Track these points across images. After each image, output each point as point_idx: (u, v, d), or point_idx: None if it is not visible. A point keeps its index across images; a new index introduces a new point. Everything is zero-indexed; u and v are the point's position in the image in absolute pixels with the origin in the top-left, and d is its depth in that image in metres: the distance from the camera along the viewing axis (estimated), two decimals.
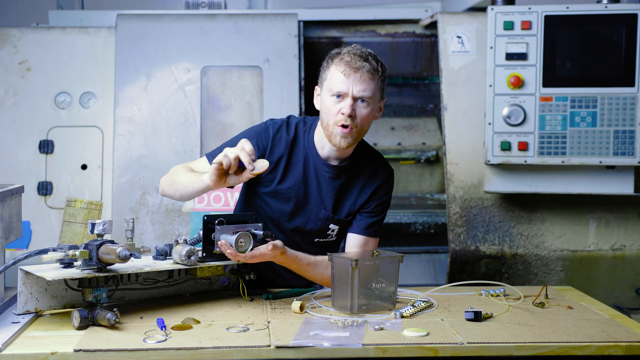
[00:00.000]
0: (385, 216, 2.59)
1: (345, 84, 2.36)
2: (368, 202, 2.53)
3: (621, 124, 3.33)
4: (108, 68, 3.80)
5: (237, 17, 3.85)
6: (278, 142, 2.49)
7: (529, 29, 3.36)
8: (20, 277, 2.16)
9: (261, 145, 2.48)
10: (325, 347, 1.96)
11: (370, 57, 2.39)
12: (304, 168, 2.49)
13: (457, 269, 3.57)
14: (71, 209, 2.58)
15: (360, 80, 2.36)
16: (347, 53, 2.39)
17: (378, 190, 2.54)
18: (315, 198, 2.51)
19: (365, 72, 2.36)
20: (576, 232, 3.61)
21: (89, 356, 1.91)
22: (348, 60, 2.37)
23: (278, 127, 2.51)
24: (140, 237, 3.62)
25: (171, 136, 3.73)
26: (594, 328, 2.17)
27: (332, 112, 2.39)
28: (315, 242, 2.55)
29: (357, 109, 2.37)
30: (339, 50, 2.43)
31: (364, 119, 2.39)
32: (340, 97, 2.37)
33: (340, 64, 2.38)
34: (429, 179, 4.18)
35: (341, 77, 2.36)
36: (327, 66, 2.44)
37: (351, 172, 2.51)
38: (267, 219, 2.54)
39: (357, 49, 2.41)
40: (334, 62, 2.41)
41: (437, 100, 4.12)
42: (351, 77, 2.36)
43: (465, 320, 2.21)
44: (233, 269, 2.44)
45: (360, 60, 2.36)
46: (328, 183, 2.50)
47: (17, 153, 3.75)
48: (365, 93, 2.37)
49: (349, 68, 2.36)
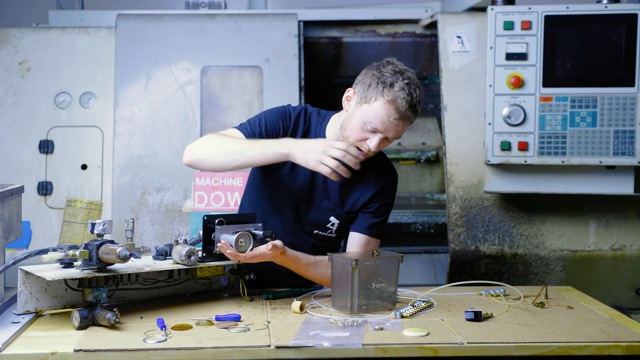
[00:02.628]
0: (388, 219, 2.59)
1: (385, 125, 2.33)
2: (371, 202, 2.53)
3: (621, 124, 3.33)
4: (108, 68, 3.80)
5: (237, 17, 3.85)
6: (296, 128, 2.50)
7: (529, 29, 3.36)
8: (20, 277, 2.16)
9: (285, 126, 2.48)
10: (325, 347, 1.97)
11: (417, 103, 2.35)
12: None
13: (457, 269, 3.57)
14: (71, 209, 2.58)
15: (399, 127, 2.34)
16: (402, 98, 2.31)
17: (382, 191, 2.54)
18: (321, 189, 2.51)
19: (406, 121, 2.34)
20: (576, 232, 3.61)
21: (89, 356, 1.91)
22: (398, 108, 2.31)
23: (297, 114, 2.51)
24: (140, 237, 3.62)
25: (171, 136, 3.73)
26: (594, 328, 2.17)
27: (358, 135, 2.37)
28: (315, 234, 2.56)
29: (382, 143, 2.38)
30: (394, 80, 2.33)
31: (380, 147, 2.41)
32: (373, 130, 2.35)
33: (390, 107, 2.31)
34: (429, 179, 4.18)
35: (385, 120, 2.32)
36: (375, 90, 2.34)
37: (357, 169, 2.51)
38: (270, 204, 2.55)
39: (410, 91, 2.32)
40: (384, 95, 2.32)
41: (437, 100, 4.12)
42: (392, 123, 2.33)
43: (465, 320, 2.21)
44: (233, 269, 2.44)
45: (409, 111, 2.32)
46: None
47: (17, 153, 3.75)
48: (397, 136, 2.38)
49: (397, 116, 2.31)
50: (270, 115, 2.51)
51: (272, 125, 2.47)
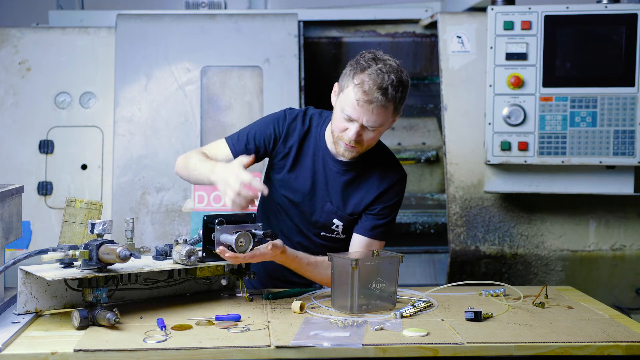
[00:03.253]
0: (394, 220, 2.54)
1: (357, 112, 2.30)
2: (373, 203, 2.49)
3: (621, 124, 3.33)
4: (108, 68, 3.80)
5: (237, 17, 3.85)
6: (292, 131, 2.50)
7: (529, 29, 3.36)
8: (20, 277, 2.16)
9: (277, 132, 2.49)
10: (325, 347, 1.96)
11: (390, 87, 2.27)
12: (313, 160, 2.50)
13: (457, 269, 3.57)
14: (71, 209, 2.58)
15: (371, 112, 2.29)
16: (369, 80, 2.27)
17: (385, 192, 2.49)
18: (322, 190, 2.50)
19: (378, 105, 2.28)
20: (576, 232, 3.61)
21: (89, 356, 1.91)
22: (365, 90, 2.26)
23: (294, 117, 2.52)
24: (140, 237, 3.62)
25: (171, 136, 3.73)
26: (594, 328, 2.17)
27: (340, 126, 2.36)
28: (322, 236, 2.56)
29: (364, 133, 2.34)
30: (365, 66, 2.29)
31: (370, 140, 2.38)
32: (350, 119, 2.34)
33: (358, 90, 2.27)
34: (429, 179, 4.18)
35: (354, 104, 2.29)
36: (349, 77, 2.33)
37: (360, 169, 2.49)
38: (277, 205, 2.56)
39: (380, 74, 2.27)
40: (354, 80, 2.29)
41: (437, 100, 4.12)
42: (364, 107, 2.28)
43: (465, 320, 2.21)
44: (233, 269, 2.44)
45: (377, 92, 2.26)
46: (335, 177, 2.49)
47: (17, 153, 3.75)
48: (374, 124, 2.32)
49: (363, 98, 2.27)
50: (263, 122, 2.53)
51: (261, 132, 2.49)
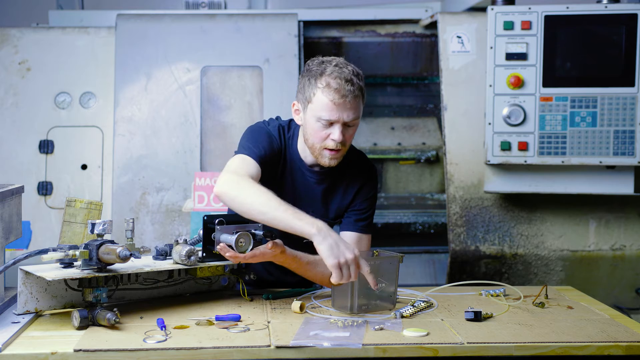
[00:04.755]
0: (374, 212, 2.58)
1: (336, 113, 2.31)
2: (354, 200, 2.54)
3: (621, 124, 3.33)
4: (108, 68, 3.80)
5: (237, 17, 3.85)
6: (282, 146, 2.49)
7: (529, 29, 3.36)
8: (20, 277, 2.16)
9: (276, 147, 2.46)
10: (325, 347, 1.96)
11: (353, 76, 2.31)
12: (291, 172, 2.51)
13: (457, 269, 3.57)
14: (71, 209, 2.58)
15: (349, 107, 2.31)
16: (333, 78, 2.29)
17: (362, 188, 2.54)
18: (304, 200, 2.51)
19: (352, 97, 2.30)
20: (576, 232, 3.61)
21: (89, 356, 1.91)
22: (336, 88, 2.28)
23: (281, 131, 2.50)
24: (140, 237, 3.62)
25: (171, 136, 3.73)
26: (594, 328, 2.17)
27: (320, 136, 2.36)
28: (305, 244, 2.55)
29: (345, 131, 2.35)
30: (321, 69, 2.32)
31: (351, 138, 2.40)
32: (329, 123, 2.33)
33: (328, 91, 2.29)
34: (429, 179, 4.18)
35: (330, 106, 2.30)
36: (310, 86, 2.34)
37: (335, 175, 2.53)
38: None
39: (339, 69, 2.30)
40: (318, 85, 2.31)
41: (437, 100, 4.12)
42: (340, 105, 2.30)
43: (465, 320, 2.21)
44: (233, 269, 2.44)
45: (346, 85, 2.28)
46: (313, 188, 2.52)
47: (17, 153, 3.75)
48: (353, 117, 2.33)
49: (338, 96, 2.29)
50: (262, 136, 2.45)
51: (266, 150, 2.43)
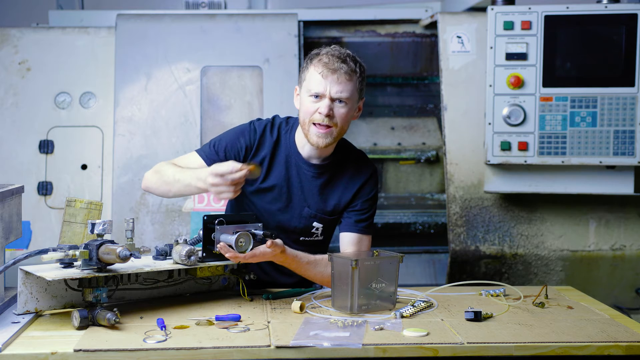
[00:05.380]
0: (375, 212, 2.61)
1: (323, 85, 2.39)
2: (354, 200, 2.55)
3: (621, 124, 3.33)
4: (108, 68, 3.80)
5: (237, 17, 3.85)
6: (263, 142, 2.53)
7: (529, 29, 3.36)
8: (20, 277, 2.16)
9: (248, 144, 2.52)
10: (325, 347, 1.97)
11: (349, 58, 2.42)
12: (286, 167, 2.53)
13: (457, 269, 3.57)
14: (71, 209, 2.58)
15: (337, 81, 2.39)
16: (326, 54, 2.42)
17: (363, 187, 2.56)
18: (298, 196, 2.53)
19: (342, 73, 2.39)
20: (576, 232, 3.61)
21: (89, 356, 1.91)
22: (326, 62, 2.39)
23: (263, 128, 2.55)
24: (140, 237, 3.62)
25: (171, 136, 3.73)
26: (594, 328, 2.17)
27: (310, 110, 2.42)
28: (301, 241, 2.57)
29: (335, 108, 2.41)
30: (318, 51, 2.46)
31: (343, 118, 2.43)
32: (318, 97, 2.40)
33: (319, 65, 2.41)
34: (429, 179, 4.17)
35: (319, 78, 2.39)
36: (306, 67, 2.47)
37: (333, 170, 2.54)
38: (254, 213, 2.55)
39: (335, 49, 2.44)
40: (312, 62, 2.44)
41: (437, 100, 4.12)
42: (329, 78, 2.39)
43: (465, 320, 2.21)
44: (233, 269, 2.44)
45: (338, 62, 2.39)
46: (310, 182, 2.53)
47: (17, 153, 3.75)
48: (342, 94, 2.40)
49: (326, 69, 2.39)
50: (232, 134, 2.54)
51: (232, 145, 2.51)
